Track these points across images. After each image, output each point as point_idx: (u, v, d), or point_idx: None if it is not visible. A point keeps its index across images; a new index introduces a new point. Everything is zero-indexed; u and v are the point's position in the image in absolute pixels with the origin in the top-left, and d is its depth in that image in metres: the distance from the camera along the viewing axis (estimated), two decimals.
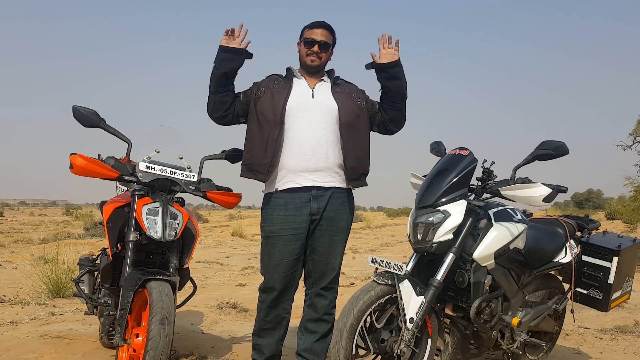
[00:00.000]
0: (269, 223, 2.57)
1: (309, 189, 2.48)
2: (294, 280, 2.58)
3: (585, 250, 2.94)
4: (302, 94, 2.55)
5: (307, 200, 2.49)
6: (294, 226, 2.50)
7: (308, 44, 2.55)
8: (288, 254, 2.52)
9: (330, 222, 2.55)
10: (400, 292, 2.21)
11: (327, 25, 2.59)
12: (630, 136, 11.76)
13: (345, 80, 2.69)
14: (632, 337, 4.01)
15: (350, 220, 2.65)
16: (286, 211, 2.50)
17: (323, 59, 2.58)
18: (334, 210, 2.54)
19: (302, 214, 2.49)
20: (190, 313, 4.45)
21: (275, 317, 2.59)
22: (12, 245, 11.91)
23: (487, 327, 2.45)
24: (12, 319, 4.13)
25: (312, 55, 2.55)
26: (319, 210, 2.50)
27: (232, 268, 8.20)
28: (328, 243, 2.57)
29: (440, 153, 2.75)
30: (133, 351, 2.34)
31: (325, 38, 2.57)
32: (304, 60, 2.59)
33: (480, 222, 2.43)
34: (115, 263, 2.64)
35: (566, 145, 2.35)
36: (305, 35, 2.59)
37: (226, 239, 14.81)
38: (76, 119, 2.55)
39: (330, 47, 2.61)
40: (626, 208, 11.93)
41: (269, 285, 2.57)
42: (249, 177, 2.57)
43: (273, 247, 2.55)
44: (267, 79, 2.63)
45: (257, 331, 2.66)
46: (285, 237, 2.51)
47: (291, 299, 2.62)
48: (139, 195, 2.57)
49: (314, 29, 2.57)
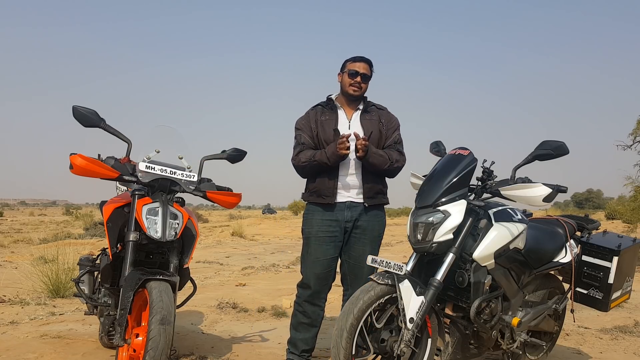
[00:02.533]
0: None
1: (344, 203, 2.85)
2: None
3: (585, 250, 2.94)
4: (342, 125, 2.89)
5: (342, 210, 2.84)
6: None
7: (352, 75, 2.88)
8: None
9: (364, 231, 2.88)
10: (400, 292, 2.20)
11: (368, 60, 2.92)
12: (630, 136, 11.76)
13: (377, 106, 3.00)
14: (632, 337, 4.01)
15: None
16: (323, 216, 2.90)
17: (363, 89, 2.92)
18: (366, 221, 2.87)
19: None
20: (190, 313, 4.45)
21: (312, 312, 2.89)
22: (12, 245, 11.92)
23: (487, 327, 2.45)
24: (12, 319, 4.14)
25: (355, 85, 2.88)
26: (352, 218, 2.85)
27: (232, 268, 8.20)
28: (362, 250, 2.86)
29: (440, 153, 2.75)
30: (133, 351, 2.34)
31: (366, 71, 2.90)
32: (347, 90, 2.91)
33: (480, 222, 2.43)
34: (115, 263, 2.64)
35: (566, 145, 2.35)
36: (349, 67, 2.90)
37: (226, 239, 14.83)
38: (76, 119, 2.55)
39: (369, 79, 2.94)
40: (626, 208, 11.94)
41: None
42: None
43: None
44: (313, 110, 2.98)
45: (295, 325, 2.95)
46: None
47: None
48: (139, 195, 2.57)
49: (356, 62, 2.90)
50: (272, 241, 14.70)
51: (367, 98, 3.00)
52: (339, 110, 2.93)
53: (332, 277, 2.92)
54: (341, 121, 2.90)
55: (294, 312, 2.96)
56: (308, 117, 2.95)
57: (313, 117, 2.92)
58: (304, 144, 2.89)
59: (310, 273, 2.87)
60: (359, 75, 2.87)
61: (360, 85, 2.88)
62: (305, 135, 2.91)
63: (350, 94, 2.90)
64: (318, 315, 2.92)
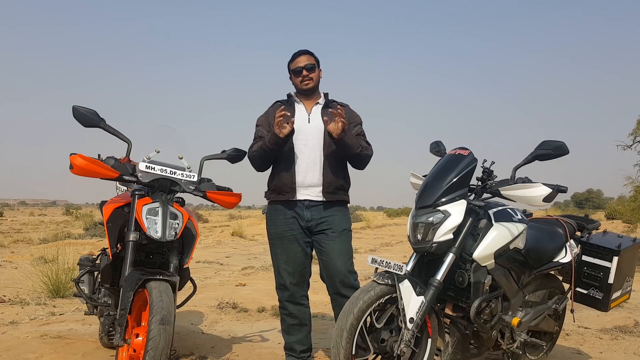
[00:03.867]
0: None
1: (303, 201, 2.83)
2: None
3: (585, 250, 2.94)
4: (301, 119, 2.87)
5: (302, 210, 2.83)
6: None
7: (297, 73, 2.90)
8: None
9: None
10: (400, 292, 2.20)
11: (306, 51, 2.92)
12: (630, 136, 11.77)
13: (338, 103, 2.97)
14: (632, 337, 4.01)
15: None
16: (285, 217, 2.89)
17: (314, 79, 2.91)
18: (330, 216, 2.84)
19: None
20: (190, 313, 4.45)
21: (298, 311, 2.89)
22: (12, 245, 11.92)
23: (487, 327, 2.45)
24: (12, 319, 4.14)
25: (305, 79, 2.88)
26: (312, 218, 2.83)
27: (232, 268, 8.20)
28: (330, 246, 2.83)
29: (440, 153, 2.75)
30: (133, 351, 2.34)
31: (308, 61, 2.89)
32: (300, 87, 2.92)
33: (480, 222, 2.43)
34: (115, 263, 2.64)
35: (566, 145, 2.35)
36: (292, 67, 2.93)
37: (226, 239, 14.82)
38: (76, 119, 2.54)
39: (315, 66, 2.92)
40: (626, 208, 11.94)
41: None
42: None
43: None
44: (272, 107, 2.99)
45: (285, 329, 2.95)
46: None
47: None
48: (139, 195, 2.57)
49: (296, 59, 2.91)
50: None
51: (328, 95, 2.99)
52: (297, 104, 2.93)
53: (308, 274, 2.93)
54: (301, 115, 2.89)
55: (281, 316, 2.96)
56: (267, 114, 2.96)
57: (272, 114, 2.88)
58: (261, 137, 2.89)
59: (284, 273, 2.87)
60: (303, 69, 2.86)
61: (310, 76, 2.87)
62: (264, 130, 2.91)
63: (305, 89, 2.90)
64: (305, 313, 2.92)
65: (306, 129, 2.84)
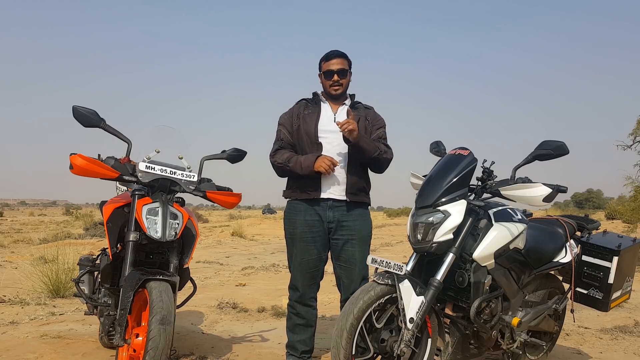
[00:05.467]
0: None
1: (326, 200, 2.81)
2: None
3: (585, 250, 2.94)
4: (326, 118, 2.86)
5: (324, 210, 2.81)
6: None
7: (328, 75, 2.85)
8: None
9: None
10: (400, 292, 2.20)
11: (341, 53, 2.87)
12: (630, 136, 11.78)
13: (363, 105, 2.96)
14: (632, 337, 4.01)
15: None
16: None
17: (344, 85, 2.89)
18: (352, 221, 2.83)
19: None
20: (190, 313, 4.45)
21: (306, 312, 2.89)
22: (12, 245, 11.92)
23: (487, 327, 2.45)
24: (12, 319, 4.14)
25: (334, 85, 2.85)
26: (334, 219, 2.81)
27: (232, 268, 8.20)
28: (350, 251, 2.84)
29: (440, 153, 2.75)
30: (133, 351, 2.34)
31: (342, 65, 2.85)
32: (328, 91, 2.89)
33: (480, 222, 2.43)
34: (115, 263, 2.64)
35: (566, 145, 2.35)
36: (323, 68, 2.88)
37: (226, 239, 14.83)
38: (76, 119, 2.54)
39: (347, 72, 2.89)
40: (626, 208, 11.95)
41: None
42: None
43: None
44: (297, 104, 2.97)
45: (290, 327, 2.95)
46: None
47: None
48: (139, 195, 2.57)
49: (329, 60, 2.86)
50: (272, 241, 14.70)
51: (355, 96, 2.98)
52: (323, 104, 2.91)
53: (320, 276, 2.92)
54: (326, 114, 2.87)
55: (288, 314, 2.97)
56: (291, 112, 2.94)
57: (296, 112, 2.91)
58: (282, 140, 2.89)
59: (297, 274, 2.87)
60: (335, 74, 2.83)
61: (340, 82, 2.85)
62: (285, 131, 2.90)
63: (333, 94, 2.88)
64: (312, 315, 2.92)
65: (332, 129, 2.81)
